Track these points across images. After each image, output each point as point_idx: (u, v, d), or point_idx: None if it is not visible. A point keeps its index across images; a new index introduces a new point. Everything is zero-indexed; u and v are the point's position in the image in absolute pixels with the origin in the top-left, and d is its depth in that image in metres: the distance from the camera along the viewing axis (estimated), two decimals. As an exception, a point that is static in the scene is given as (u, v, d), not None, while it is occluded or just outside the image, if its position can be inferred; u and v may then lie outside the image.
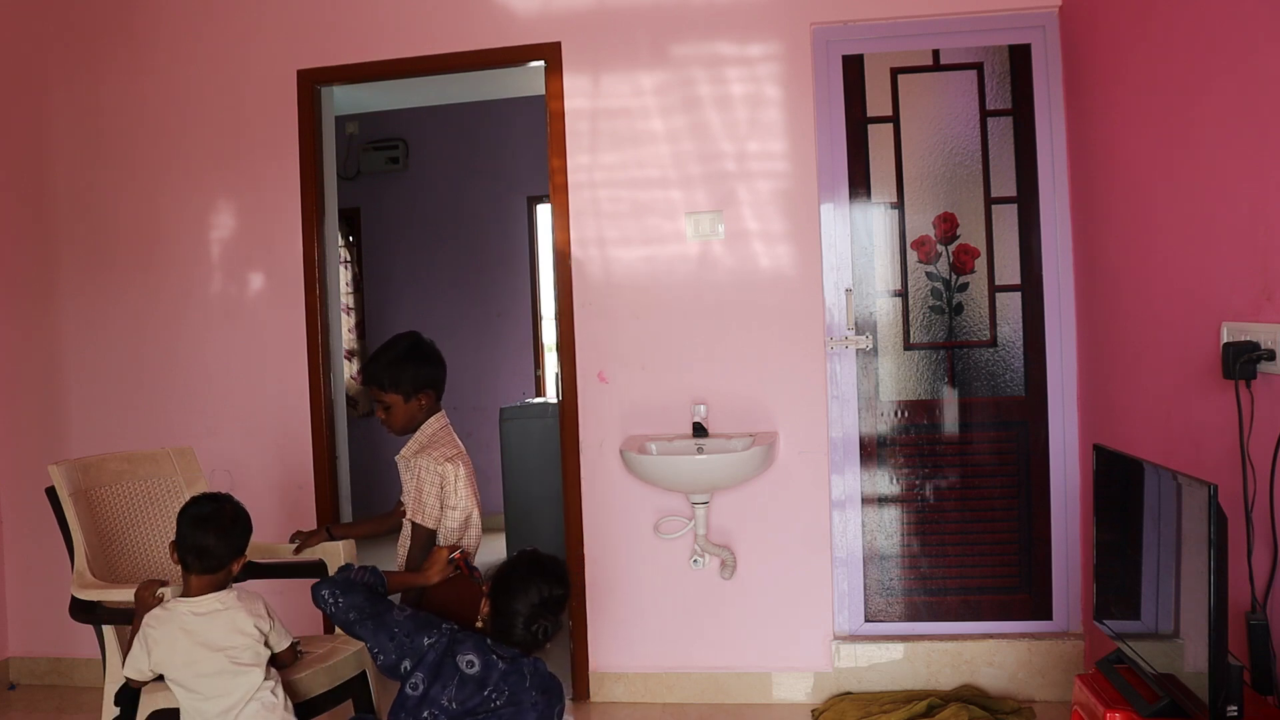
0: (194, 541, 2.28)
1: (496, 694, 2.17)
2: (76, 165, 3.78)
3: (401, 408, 2.61)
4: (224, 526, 2.31)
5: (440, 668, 2.19)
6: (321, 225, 3.65)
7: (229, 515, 2.34)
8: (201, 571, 2.29)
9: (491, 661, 2.20)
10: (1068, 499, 3.25)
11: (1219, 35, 2.23)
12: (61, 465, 2.59)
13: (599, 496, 3.44)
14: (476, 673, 2.18)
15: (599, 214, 3.44)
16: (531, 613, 2.21)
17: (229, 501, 2.39)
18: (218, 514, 2.33)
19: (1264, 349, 2.01)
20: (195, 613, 2.26)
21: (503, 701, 2.17)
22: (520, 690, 2.19)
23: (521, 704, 2.18)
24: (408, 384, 2.60)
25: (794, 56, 3.34)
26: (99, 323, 3.77)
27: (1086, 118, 3.07)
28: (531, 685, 2.21)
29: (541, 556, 2.31)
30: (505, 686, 2.18)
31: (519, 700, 2.18)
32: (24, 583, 3.81)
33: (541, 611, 2.21)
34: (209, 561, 2.29)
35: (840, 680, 3.31)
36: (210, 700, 2.23)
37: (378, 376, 2.62)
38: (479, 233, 6.40)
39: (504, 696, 2.18)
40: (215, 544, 2.29)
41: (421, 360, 2.65)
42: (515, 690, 2.19)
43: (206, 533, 2.28)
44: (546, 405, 5.28)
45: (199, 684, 2.24)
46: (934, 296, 3.32)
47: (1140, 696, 2.00)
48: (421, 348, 2.68)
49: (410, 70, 3.60)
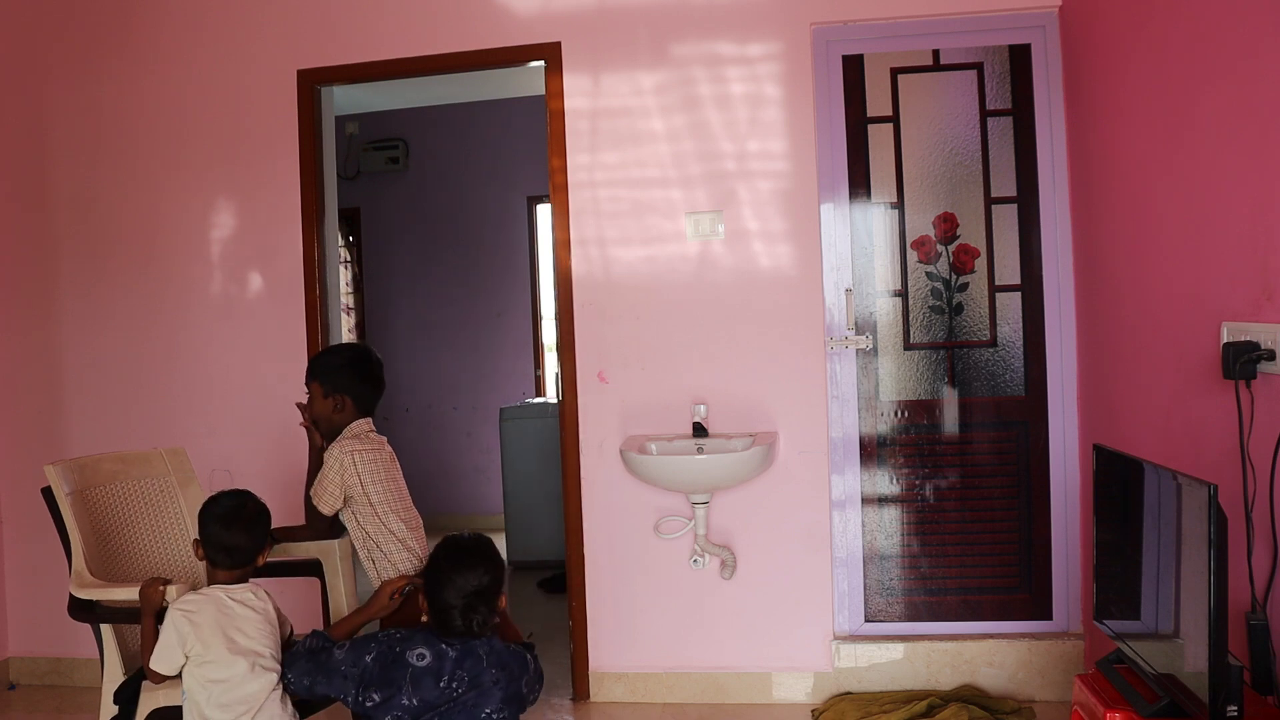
0: (223, 540, 2.33)
1: (456, 682, 2.14)
2: (76, 165, 3.78)
3: (320, 402, 2.67)
4: (249, 522, 2.37)
5: (390, 672, 2.16)
6: (321, 225, 3.65)
7: (253, 511, 2.40)
8: (230, 567, 2.34)
9: (442, 651, 2.17)
10: (1068, 499, 3.25)
11: (1219, 35, 2.23)
12: (57, 465, 2.59)
13: (599, 496, 3.44)
14: (429, 664, 2.15)
15: (599, 214, 3.44)
16: (465, 604, 2.19)
17: (250, 497, 2.44)
18: (242, 510, 2.38)
19: (1264, 349, 2.01)
20: (232, 598, 2.30)
21: (464, 688, 2.15)
22: (479, 672, 2.16)
23: (483, 685, 2.15)
24: (331, 382, 2.66)
25: (794, 56, 3.34)
26: (99, 323, 3.77)
27: (1086, 118, 3.07)
28: (490, 664, 2.18)
29: (463, 543, 2.28)
30: (462, 673, 2.16)
31: (480, 682, 2.15)
32: (24, 583, 3.81)
33: (474, 602, 2.19)
34: (238, 557, 2.34)
35: (840, 680, 3.31)
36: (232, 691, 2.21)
37: (313, 366, 2.74)
38: (479, 233, 6.40)
39: (464, 683, 2.15)
40: (244, 540, 2.35)
41: (355, 368, 2.69)
42: (474, 674, 2.16)
43: (235, 530, 2.34)
44: (546, 405, 5.29)
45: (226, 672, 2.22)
46: (934, 296, 3.32)
47: (1140, 696, 2.00)
48: (360, 359, 2.72)
49: (410, 70, 3.60)
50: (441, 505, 6.20)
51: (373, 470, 2.60)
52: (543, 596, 4.78)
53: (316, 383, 2.68)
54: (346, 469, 2.57)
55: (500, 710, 2.16)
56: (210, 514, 2.37)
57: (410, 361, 6.50)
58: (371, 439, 2.67)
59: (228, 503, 2.40)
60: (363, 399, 2.69)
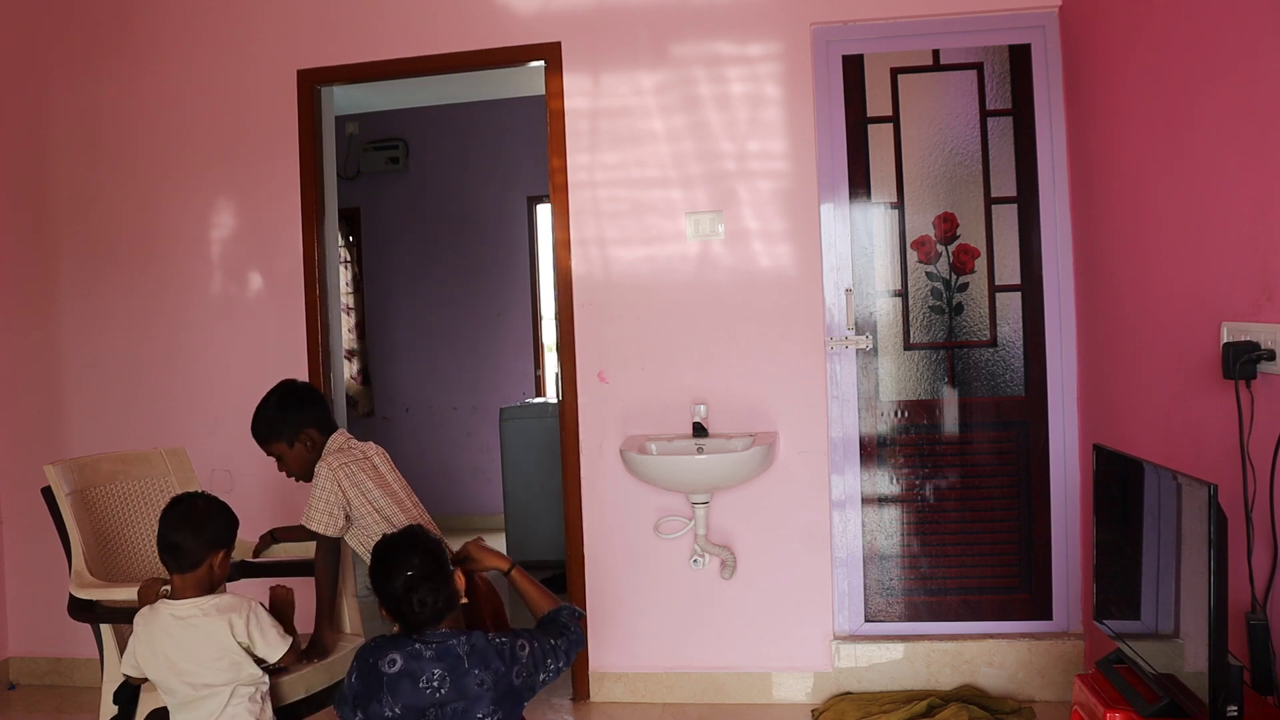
0: (165, 539, 2.25)
1: (436, 682, 2.09)
2: (76, 165, 3.78)
3: (289, 453, 2.65)
4: (196, 522, 2.26)
5: (369, 685, 2.13)
6: (321, 225, 3.65)
7: (201, 510, 2.29)
8: (179, 570, 2.25)
9: (415, 651, 2.12)
10: (1068, 499, 3.25)
11: (1219, 35, 2.23)
12: (57, 465, 2.59)
13: (599, 496, 3.44)
14: (402, 668, 2.10)
15: (599, 214, 3.44)
16: (405, 591, 2.15)
17: (201, 497, 2.35)
18: (189, 510, 2.28)
19: (1264, 349, 2.01)
20: (175, 615, 2.22)
21: (446, 689, 2.09)
22: (461, 674, 2.10)
23: (469, 691, 2.10)
24: (288, 431, 2.64)
25: (794, 56, 3.34)
26: (99, 323, 3.77)
27: (1086, 118, 3.07)
28: (472, 664, 2.11)
29: (391, 538, 2.26)
30: (441, 670, 2.10)
31: (464, 687, 2.10)
32: (24, 583, 3.81)
33: (413, 586, 2.14)
34: (183, 559, 2.24)
35: (840, 680, 3.31)
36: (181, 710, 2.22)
37: (259, 433, 2.68)
38: (479, 233, 6.40)
39: (445, 683, 2.09)
40: (186, 540, 2.24)
41: (290, 406, 2.67)
42: (455, 675, 2.10)
43: (177, 530, 2.24)
44: (546, 405, 5.29)
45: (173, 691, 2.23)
46: (934, 296, 3.32)
47: (1140, 696, 2.00)
48: (288, 395, 2.71)
49: (410, 70, 3.60)
50: (441, 505, 6.19)
51: (361, 478, 2.60)
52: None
53: (278, 443, 2.65)
54: (341, 482, 2.56)
55: (494, 713, 2.12)
56: (161, 515, 2.30)
57: (410, 361, 6.50)
58: (353, 449, 2.65)
59: (176, 503, 2.32)
60: (319, 421, 2.67)
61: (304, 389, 2.76)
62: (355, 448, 2.67)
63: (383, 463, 2.71)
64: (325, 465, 2.59)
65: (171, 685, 2.23)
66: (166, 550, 2.26)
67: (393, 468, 2.74)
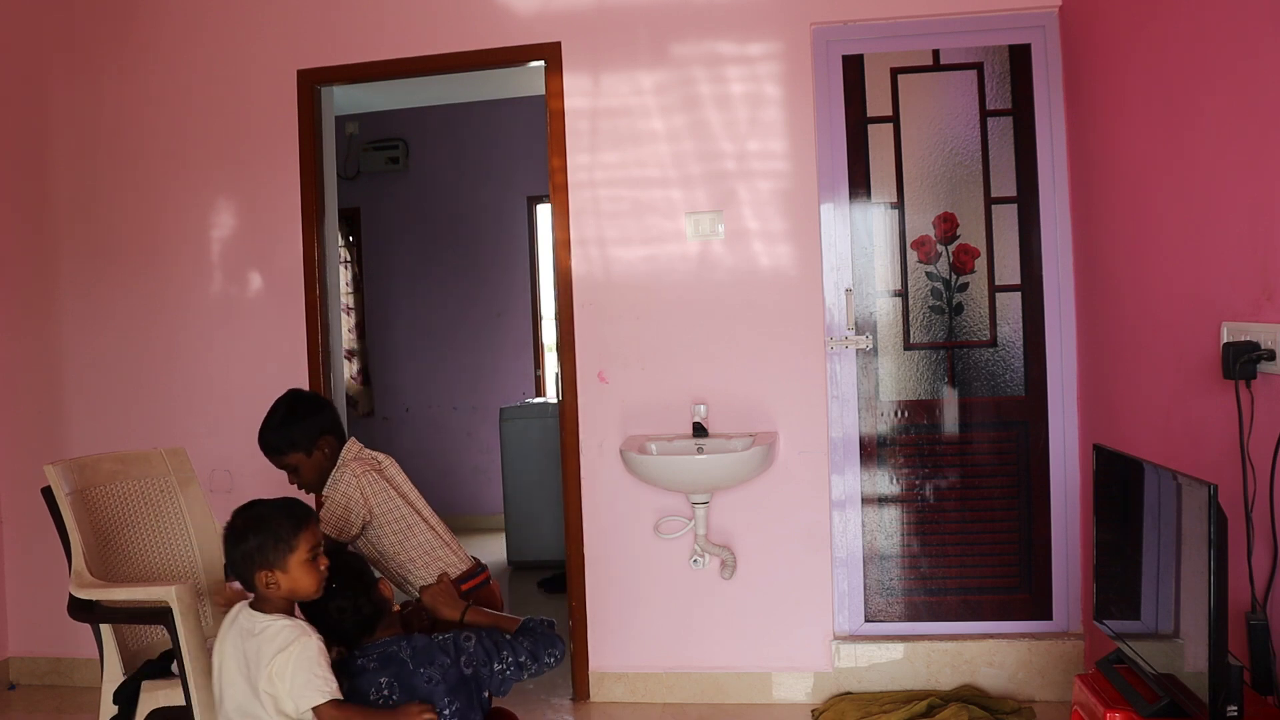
0: (228, 556, 2.13)
1: (388, 690, 2.08)
2: (76, 165, 3.78)
3: (307, 463, 2.60)
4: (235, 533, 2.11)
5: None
6: (321, 225, 3.65)
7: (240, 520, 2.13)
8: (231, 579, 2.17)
9: (358, 668, 2.12)
10: (1068, 499, 3.25)
11: (1219, 35, 2.23)
12: (57, 465, 2.58)
13: (599, 496, 3.44)
14: (349, 688, 2.08)
15: (599, 213, 3.44)
16: (324, 602, 2.13)
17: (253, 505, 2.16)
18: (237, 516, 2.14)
19: (1264, 349, 2.01)
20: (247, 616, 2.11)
21: (397, 695, 2.08)
22: (407, 676, 2.10)
23: (417, 691, 2.08)
24: (303, 441, 2.58)
25: (794, 56, 3.34)
26: (99, 323, 3.77)
27: (1086, 118, 3.07)
28: (418, 664, 2.10)
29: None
30: (388, 678, 2.09)
31: (414, 689, 2.08)
32: (24, 583, 3.81)
33: (330, 596, 2.13)
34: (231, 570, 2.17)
35: (840, 680, 3.31)
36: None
37: (273, 445, 2.61)
38: (479, 233, 6.40)
39: (395, 690, 2.09)
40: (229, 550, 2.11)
41: (305, 414, 2.62)
42: (403, 680, 2.09)
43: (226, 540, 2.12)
44: (546, 405, 5.29)
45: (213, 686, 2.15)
46: (934, 296, 3.32)
47: (1140, 696, 2.00)
48: (299, 403, 2.66)
49: (410, 70, 3.60)
50: (441, 505, 6.12)
51: (382, 485, 2.58)
52: (543, 596, 4.78)
53: (294, 453, 2.58)
54: (365, 489, 2.53)
55: (452, 703, 2.10)
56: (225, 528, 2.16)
57: (410, 361, 6.50)
58: (370, 458, 2.63)
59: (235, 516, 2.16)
60: (335, 427, 2.63)
61: (313, 396, 2.73)
62: (370, 456, 2.65)
63: (396, 473, 2.68)
64: (349, 471, 2.54)
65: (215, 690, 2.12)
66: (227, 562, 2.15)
67: (406, 478, 2.72)
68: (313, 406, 2.66)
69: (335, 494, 2.54)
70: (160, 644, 2.62)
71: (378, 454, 2.71)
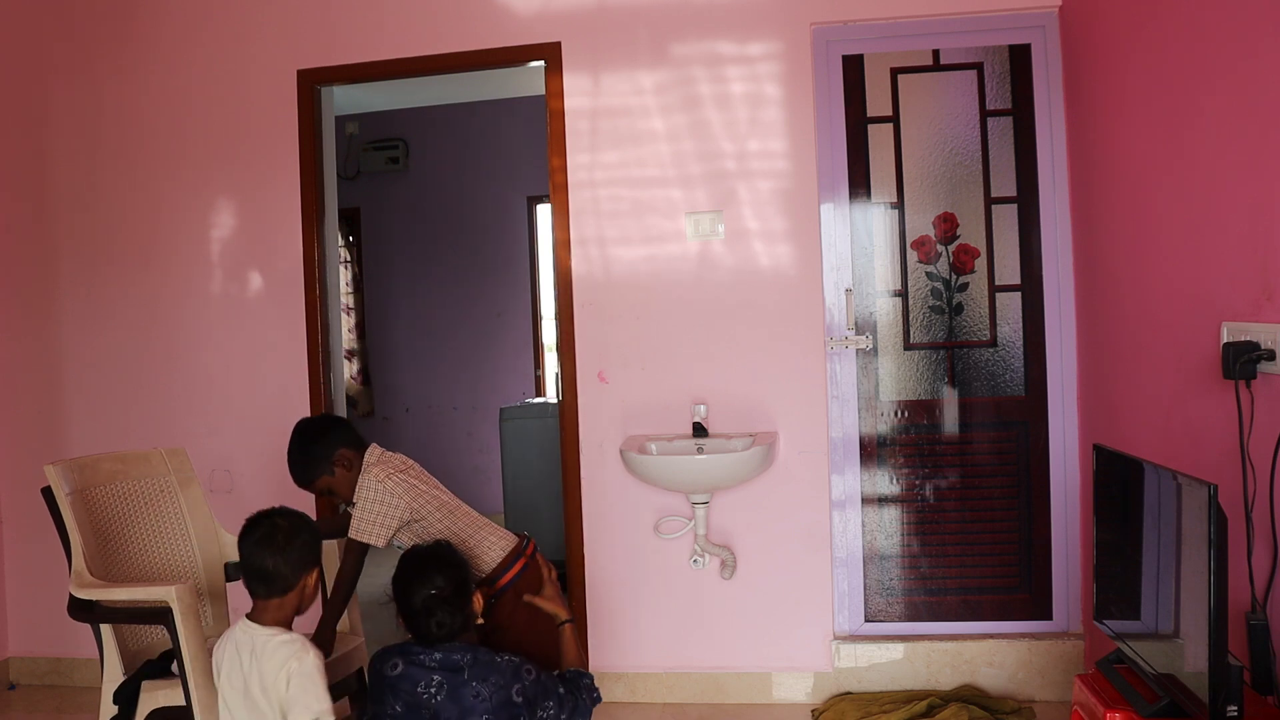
0: (252, 565, 2.13)
1: (434, 689, 2.15)
2: (76, 165, 3.78)
3: (335, 482, 2.61)
4: (279, 544, 2.14)
5: (377, 689, 2.20)
6: (321, 225, 3.65)
7: (284, 530, 2.17)
8: (268, 596, 2.13)
9: (418, 659, 2.17)
10: (1068, 499, 3.25)
11: (1219, 35, 2.23)
12: (57, 465, 2.59)
13: (599, 496, 3.44)
14: (402, 672, 2.16)
15: (599, 213, 3.44)
16: (424, 610, 2.19)
17: (281, 514, 2.22)
18: (272, 531, 2.16)
19: (1264, 349, 2.01)
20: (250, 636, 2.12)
21: (443, 695, 2.15)
22: (458, 685, 2.16)
23: (463, 701, 2.15)
24: (321, 463, 2.59)
25: (794, 56, 3.34)
26: (99, 322, 3.77)
27: (1086, 118, 3.07)
28: (471, 676, 2.17)
29: (421, 551, 2.30)
30: (440, 679, 2.16)
31: (460, 698, 2.15)
32: (24, 583, 3.81)
33: (432, 608, 2.19)
34: (274, 585, 2.13)
35: (840, 680, 3.31)
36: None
37: (302, 477, 2.63)
38: (479, 233, 6.40)
39: (442, 690, 2.15)
40: (276, 563, 2.12)
41: (312, 439, 2.63)
42: (453, 686, 2.16)
43: (263, 553, 2.13)
44: (546, 405, 5.28)
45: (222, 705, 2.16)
46: (934, 296, 3.32)
47: (1140, 696, 2.00)
48: (304, 431, 2.67)
49: (410, 70, 3.60)
50: (441, 505, 6.19)
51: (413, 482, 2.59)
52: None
53: (321, 477, 2.60)
54: (395, 490, 2.54)
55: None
56: (241, 538, 2.18)
57: (410, 361, 6.50)
58: (389, 460, 2.63)
59: (257, 524, 2.19)
60: (348, 439, 2.63)
61: (319, 418, 2.76)
62: (393, 459, 2.65)
63: (421, 471, 2.69)
64: (371, 477, 2.54)
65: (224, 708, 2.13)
66: (254, 577, 2.13)
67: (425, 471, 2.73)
68: (318, 429, 2.66)
69: (362, 500, 2.54)
70: (160, 644, 2.63)
71: (400, 455, 2.71)
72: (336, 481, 2.60)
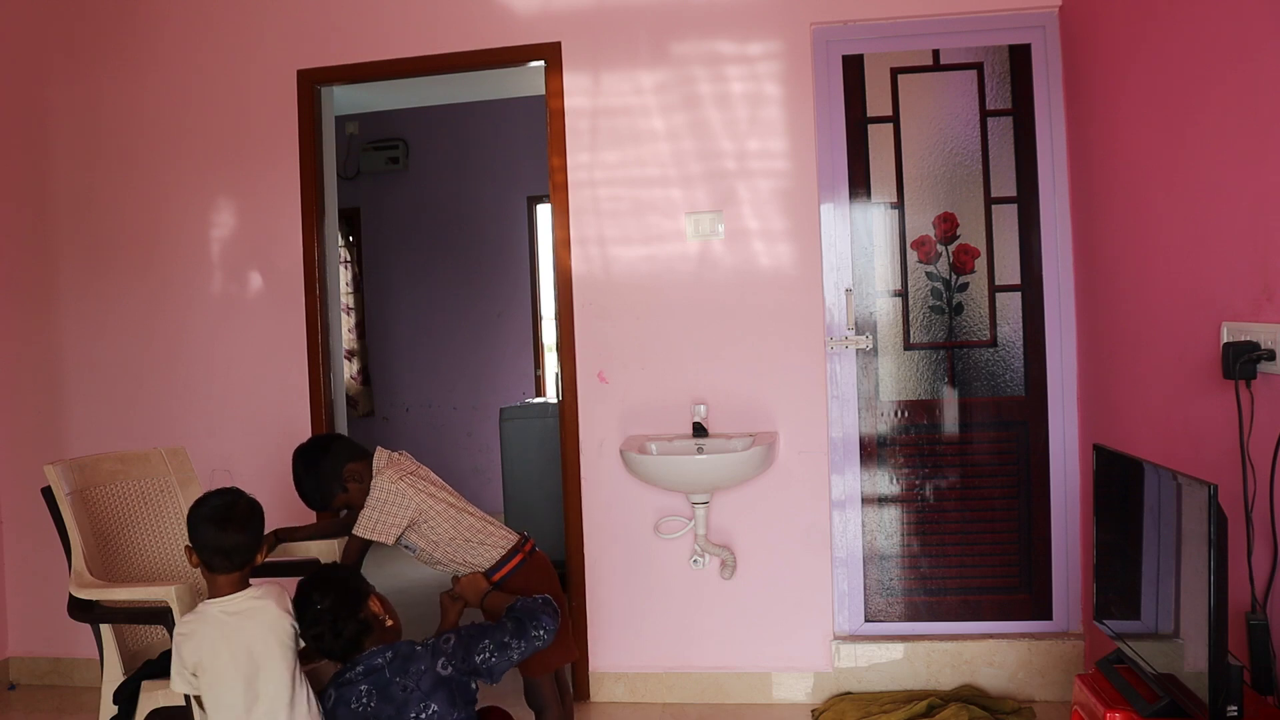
0: (219, 542, 2.22)
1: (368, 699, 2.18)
2: (76, 165, 3.78)
3: (349, 496, 2.63)
4: (243, 521, 2.27)
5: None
6: (321, 225, 3.65)
7: (245, 508, 2.30)
8: (229, 570, 2.23)
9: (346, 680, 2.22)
10: (1068, 499, 3.25)
11: (1219, 36, 2.23)
12: (57, 465, 2.59)
13: (599, 496, 3.44)
14: (335, 698, 2.20)
15: (599, 213, 3.44)
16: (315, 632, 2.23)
17: (239, 495, 2.33)
18: (234, 509, 2.28)
19: (1264, 349, 2.01)
20: (227, 611, 2.19)
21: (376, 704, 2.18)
22: (385, 686, 2.18)
23: (393, 697, 2.17)
24: (331, 484, 2.62)
25: (794, 56, 3.34)
26: (99, 322, 3.77)
27: (1086, 118, 3.07)
28: (393, 674, 2.20)
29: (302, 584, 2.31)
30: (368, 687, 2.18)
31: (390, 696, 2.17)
32: (24, 583, 3.81)
33: (320, 623, 2.22)
34: (237, 559, 2.23)
35: (840, 680, 3.31)
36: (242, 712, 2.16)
37: (318, 500, 2.66)
38: (479, 233, 6.40)
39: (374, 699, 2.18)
40: (240, 540, 2.24)
41: (314, 462, 2.64)
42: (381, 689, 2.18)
43: (228, 531, 2.23)
44: (546, 405, 5.28)
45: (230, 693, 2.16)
46: (934, 296, 3.32)
47: (1140, 696, 2.00)
48: (308, 451, 2.68)
49: (410, 70, 3.60)
50: (441, 505, 6.19)
51: (424, 484, 2.61)
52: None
53: (336, 495, 2.63)
54: (406, 491, 2.55)
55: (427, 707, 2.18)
56: (199, 515, 2.27)
57: (410, 361, 6.50)
58: (398, 462, 2.65)
59: (217, 502, 2.29)
60: (351, 453, 2.64)
61: (315, 439, 2.75)
62: (402, 460, 2.66)
63: (428, 473, 2.70)
64: (383, 479, 2.56)
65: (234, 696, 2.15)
66: (219, 553, 2.22)
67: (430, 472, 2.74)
68: (317, 451, 2.67)
69: (373, 499, 2.56)
70: (160, 644, 2.63)
71: (404, 455, 2.72)
72: (352, 496, 2.62)
